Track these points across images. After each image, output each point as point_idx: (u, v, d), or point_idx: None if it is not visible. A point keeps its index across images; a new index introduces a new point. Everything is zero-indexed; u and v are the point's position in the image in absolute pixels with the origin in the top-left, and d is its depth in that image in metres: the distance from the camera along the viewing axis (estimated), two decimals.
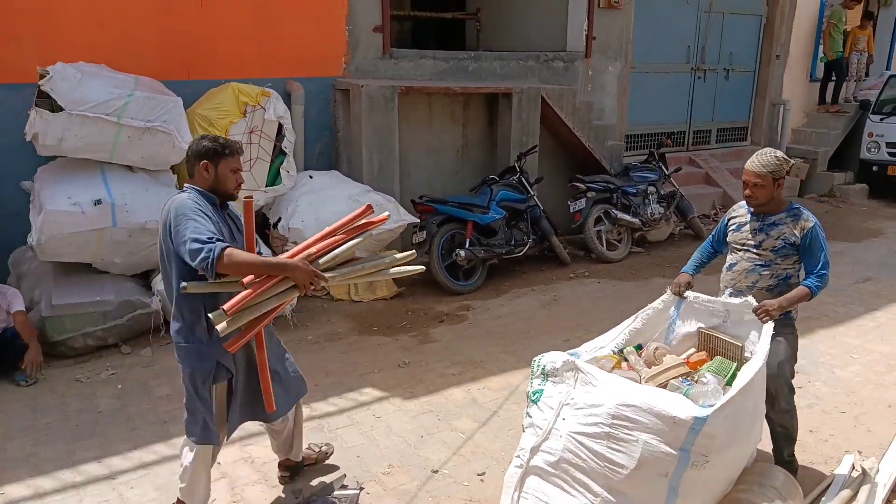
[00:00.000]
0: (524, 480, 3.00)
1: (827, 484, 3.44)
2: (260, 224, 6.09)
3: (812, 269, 3.30)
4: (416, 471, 3.67)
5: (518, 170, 7.02)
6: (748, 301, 3.27)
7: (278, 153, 5.90)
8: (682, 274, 3.60)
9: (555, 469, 2.88)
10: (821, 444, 3.95)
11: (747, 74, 11.01)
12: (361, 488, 3.49)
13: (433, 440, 3.96)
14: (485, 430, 4.08)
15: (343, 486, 3.51)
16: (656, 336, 3.55)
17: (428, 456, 3.80)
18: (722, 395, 2.82)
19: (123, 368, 4.77)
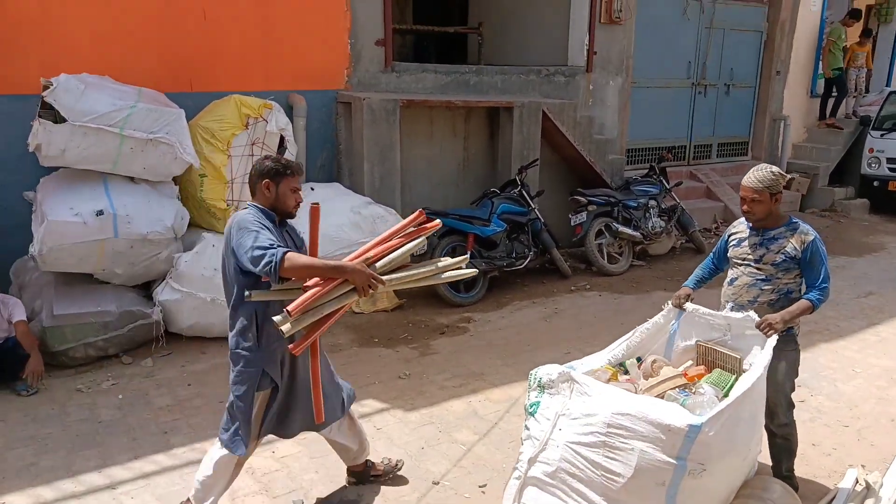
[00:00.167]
0: (522, 491, 3.00)
1: (830, 498, 3.42)
2: None
3: (813, 283, 3.30)
4: (418, 482, 3.66)
5: (519, 183, 7.04)
6: (750, 316, 3.27)
7: None
8: (683, 287, 3.62)
9: (552, 479, 2.88)
10: (823, 458, 3.94)
11: (748, 90, 11.06)
12: (362, 499, 3.48)
13: (434, 452, 3.95)
14: (485, 442, 4.07)
15: (344, 498, 3.49)
16: (656, 349, 3.55)
17: (429, 468, 3.79)
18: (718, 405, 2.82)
19: (124, 379, 4.77)
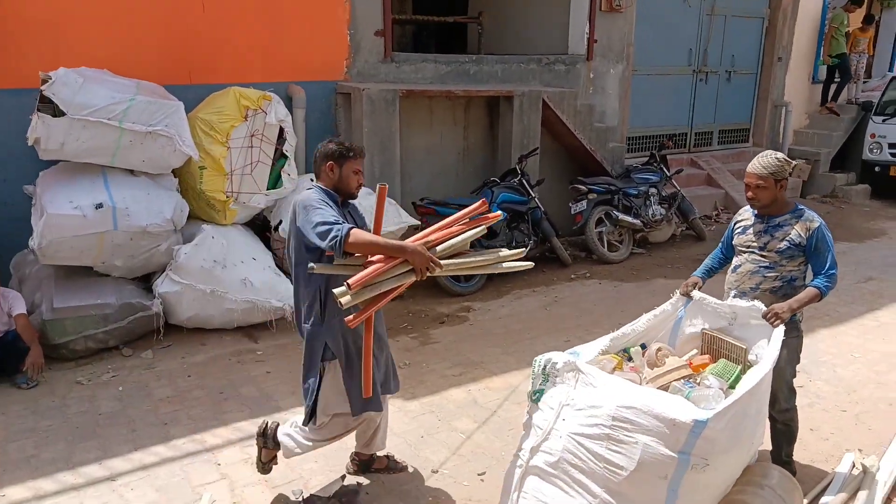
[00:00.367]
0: (524, 480, 2.99)
1: (827, 482, 3.43)
2: (261, 227, 6.11)
3: (820, 270, 3.28)
4: (416, 471, 3.67)
5: (519, 172, 7.03)
6: (755, 305, 3.25)
7: (279, 157, 5.91)
8: (692, 276, 3.61)
9: (554, 469, 2.86)
10: (821, 443, 3.94)
11: (749, 76, 11.00)
12: (361, 488, 3.50)
13: (433, 440, 3.96)
14: (485, 431, 4.08)
15: (343, 487, 3.51)
16: (661, 336, 3.54)
17: (428, 456, 3.80)
18: (724, 399, 2.80)
19: (124, 371, 4.79)
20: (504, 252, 3.16)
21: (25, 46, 5.40)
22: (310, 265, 2.89)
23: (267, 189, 5.80)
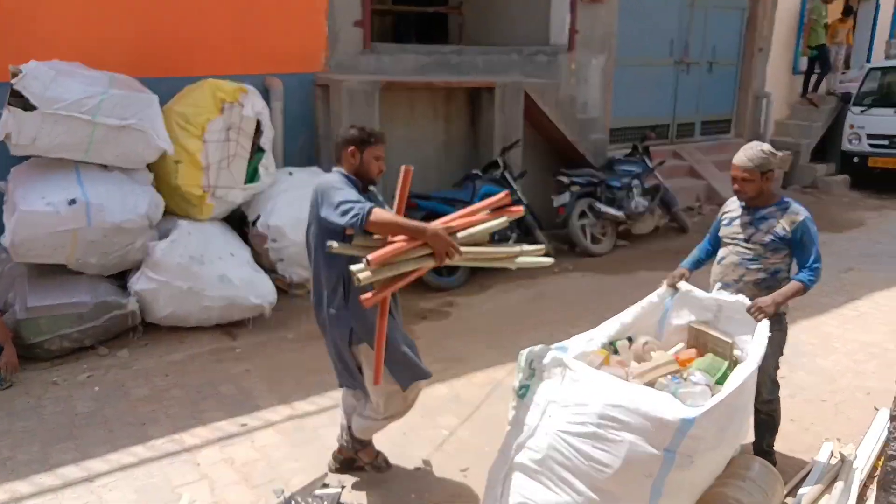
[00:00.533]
0: (508, 477, 2.97)
1: (807, 471, 3.45)
2: (239, 222, 6.03)
3: (804, 263, 3.27)
4: (400, 468, 3.64)
5: (501, 164, 6.99)
6: (740, 299, 3.24)
7: (257, 150, 5.83)
8: (679, 268, 3.60)
9: (539, 466, 2.84)
10: (802, 433, 3.96)
11: (731, 67, 11.03)
12: (343, 486, 3.46)
13: (416, 437, 3.93)
14: (468, 427, 4.06)
15: (324, 485, 3.47)
16: (648, 329, 3.52)
17: (411, 453, 3.77)
18: (711, 396, 2.79)
19: (101, 370, 4.71)
20: (526, 247, 3.19)
21: None
22: (328, 243, 2.89)
23: (244, 183, 5.72)
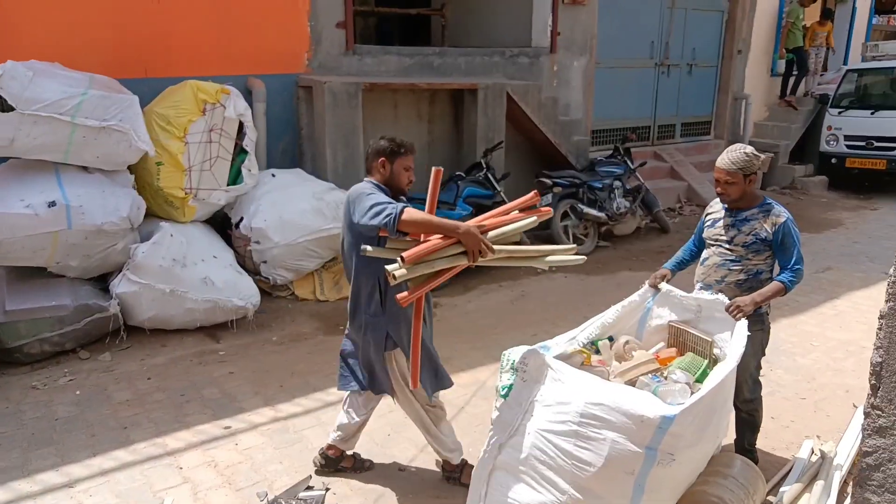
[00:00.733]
0: (492, 476, 2.98)
1: (788, 469, 3.49)
2: (222, 224, 6.00)
3: (786, 265, 3.30)
4: (384, 469, 3.64)
5: (484, 166, 7.01)
6: (719, 299, 3.27)
7: (239, 152, 5.80)
8: (662, 269, 3.63)
9: (522, 465, 2.85)
10: (782, 431, 4.01)
11: (710, 69, 11.16)
12: (327, 489, 3.45)
13: (400, 438, 3.93)
14: (452, 427, 4.05)
15: (309, 487, 3.46)
16: (629, 328, 3.55)
17: (395, 454, 3.77)
18: (690, 394, 2.82)
19: (82, 374, 4.66)
20: (558, 246, 3.23)
21: None
22: (362, 247, 2.94)
23: (227, 185, 5.69)
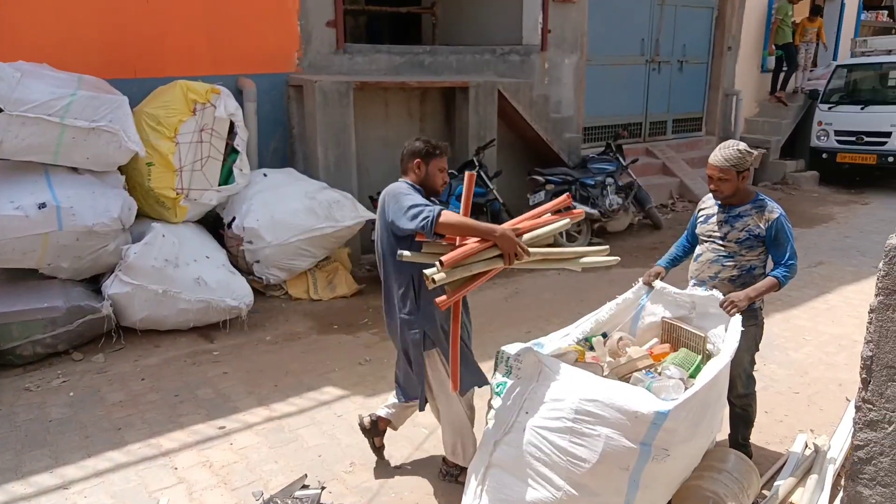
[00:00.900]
0: (487, 473, 2.98)
1: (782, 463, 3.51)
2: (214, 224, 5.98)
3: (780, 260, 3.31)
4: (379, 468, 3.64)
5: (476, 164, 7.01)
6: (713, 295, 3.28)
7: (231, 151, 5.79)
8: (656, 266, 3.64)
9: (518, 462, 2.86)
10: (776, 425, 4.03)
11: (701, 66, 11.19)
12: (323, 487, 3.44)
13: (395, 436, 3.92)
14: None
15: (304, 486, 3.45)
16: (623, 325, 3.56)
17: (390, 452, 3.77)
18: (684, 390, 2.83)
19: (75, 376, 4.64)
20: (591, 248, 3.28)
21: None
22: (399, 252, 2.97)
23: (219, 185, 5.68)
